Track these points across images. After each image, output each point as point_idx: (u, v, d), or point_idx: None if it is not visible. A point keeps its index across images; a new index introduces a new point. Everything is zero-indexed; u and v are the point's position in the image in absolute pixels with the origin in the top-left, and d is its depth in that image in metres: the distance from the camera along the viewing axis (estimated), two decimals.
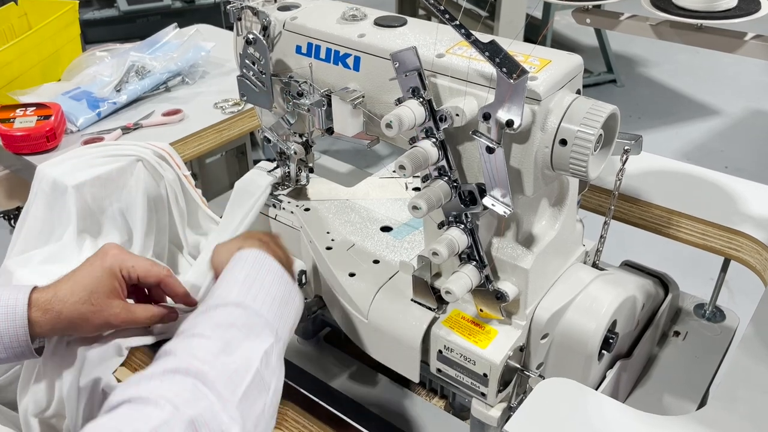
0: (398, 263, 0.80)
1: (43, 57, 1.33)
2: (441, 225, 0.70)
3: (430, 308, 0.76)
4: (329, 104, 0.76)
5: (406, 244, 0.86)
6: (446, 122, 0.64)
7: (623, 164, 0.75)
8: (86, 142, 1.13)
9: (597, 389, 0.76)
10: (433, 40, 0.69)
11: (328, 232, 0.88)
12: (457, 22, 0.60)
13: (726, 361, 0.89)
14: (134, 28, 3.24)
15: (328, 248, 0.85)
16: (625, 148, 0.74)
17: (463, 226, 0.68)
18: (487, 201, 0.64)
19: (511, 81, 0.57)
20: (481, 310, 0.73)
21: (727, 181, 0.95)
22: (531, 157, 0.63)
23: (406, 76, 0.64)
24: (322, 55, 0.76)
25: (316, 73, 0.77)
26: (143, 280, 0.75)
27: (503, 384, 0.73)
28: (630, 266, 0.91)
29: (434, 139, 0.65)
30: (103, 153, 1.00)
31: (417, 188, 0.94)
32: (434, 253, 0.67)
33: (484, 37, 0.61)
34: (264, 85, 0.80)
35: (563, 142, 0.61)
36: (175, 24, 1.44)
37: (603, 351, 0.73)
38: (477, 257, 0.70)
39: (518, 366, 0.73)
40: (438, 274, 0.77)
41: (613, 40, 3.20)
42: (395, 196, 0.95)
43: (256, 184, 0.91)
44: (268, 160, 0.95)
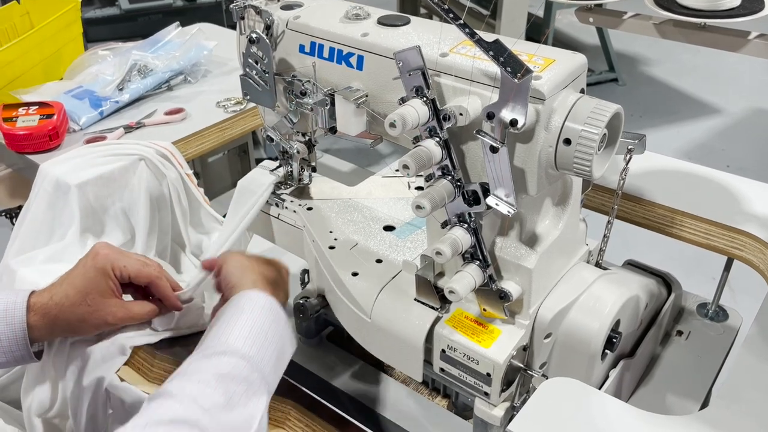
0: (401, 262, 0.79)
1: (45, 56, 1.33)
2: (444, 224, 0.70)
3: (433, 308, 0.76)
4: (332, 103, 0.76)
5: (409, 243, 0.86)
6: (450, 121, 0.64)
7: (627, 164, 0.75)
8: (89, 141, 1.13)
9: (600, 389, 0.76)
10: (436, 39, 0.69)
11: (330, 232, 0.87)
12: (461, 21, 0.60)
13: (729, 360, 0.88)
14: (136, 26, 3.24)
15: (331, 247, 0.85)
16: (629, 147, 0.74)
17: (466, 225, 0.68)
18: (490, 200, 0.64)
19: (516, 80, 0.57)
20: (485, 310, 0.73)
21: (730, 181, 0.94)
22: (535, 157, 0.63)
23: (409, 75, 0.64)
24: (326, 54, 0.76)
25: (319, 72, 0.77)
26: (135, 279, 0.75)
27: (506, 383, 0.73)
28: (633, 266, 0.91)
29: (438, 139, 0.65)
30: (105, 152, 1.00)
31: (420, 187, 0.94)
32: (437, 253, 0.67)
33: (488, 37, 0.61)
34: (267, 84, 0.80)
35: (567, 142, 0.61)
36: (178, 23, 1.44)
37: (606, 350, 0.73)
38: (480, 257, 0.69)
39: (521, 365, 0.73)
40: (441, 274, 0.77)
41: (615, 39, 3.20)
42: (398, 196, 0.95)
43: (259, 182, 0.91)
44: (270, 159, 0.95)
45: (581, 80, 0.65)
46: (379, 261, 0.83)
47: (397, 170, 0.98)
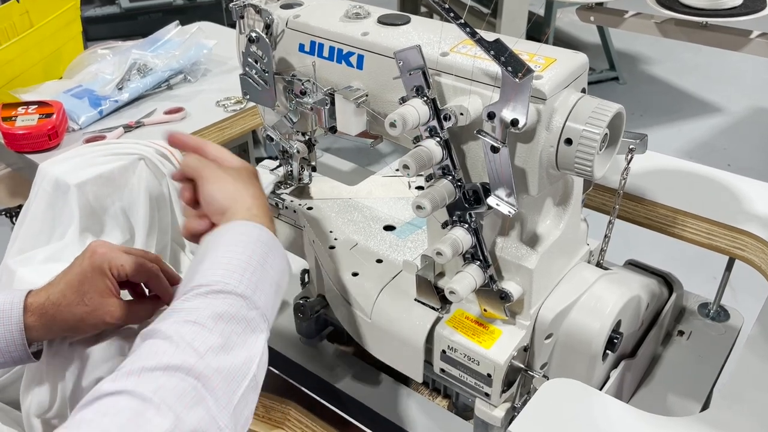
0: (401, 263, 0.79)
1: (44, 55, 1.33)
2: (445, 224, 0.70)
3: (433, 308, 0.75)
4: (332, 103, 0.75)
5: (409, 243, 0.86)
6: (450, 121, 0.64)
7: (628, 163, 0.74)
8: (88, 140, 1.13)
9: (601, 389, 0.76)
10: (437, 39, 0.68)
11: (331, 231, 0.87)
12: (462, 21, 0.59)
13: (730, 360, 0.88)
14: (136, 25, 3.23)
15: (331, 247, 0.85)
16: (630, 147, 0.73)
17: (467, 225, 0.68)
18: (491, 200, 0.64)
19: (517, 80, 0.57)
20: (485, 310, 0.73)
21: (732, 180, 0.94)
22: (536, 157, 0.63)
23: (410, 74, 0.64)
24: (326, 53, 0.75)
25: (319, 71, 0.76)
26: (133, 278, 0.73)
27: (507, 384, 0.72)
28: (634, 265, 0.91)
29: (438, 139, 0.65)
30: (105, 151, 1.00)
31: (420, 187, 0.94)
32: (438, 253, 0.66)
33: (488, 36, 0.60)
34: (267, 83, 0.80)
35: (568, 142, 0.61)
36: (177, 21, 1.43)
37: (607, 351, 0.73)
38: (481, 257, 0.69)
39: (522, 366, 0.73)
40: (441, 274, 0.77)
41: (616, 38, 3.19)
42: (398, 195, 0.95)
43: None
44: (270, 159, 0.95)
45: (582, 80, 0.65)
46: (379, 261, 0.83)
47: (398, 170, 0.98)
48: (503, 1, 2.44)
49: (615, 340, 0.72)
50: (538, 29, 3.20)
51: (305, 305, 0.89)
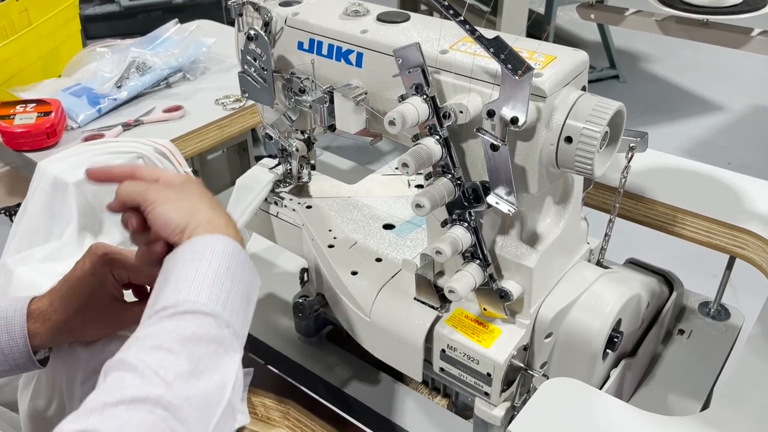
0: (401, 261, 0.79)
1: (43, 53, 1.33)
2: (444, 223, 0.70)
3: (433, 307, 0.75)
4: (331, 101, 0.75)
5: (408, 242, 0.85)
6: (450, 119, 0.63)
7: (628, 162, 0.74)
8: (87, 138, 1.13)
9: (601, 388, 0.75)
10: (436, 36, 0.68)
11: (330, 230, 0.87)
12: (462, 18, 0.59)
13: (731, 359, 0.88)
14: (135, 23, 3.23)
15: (330, 246, 0.84)
16: (631, 145, 0.73)
17: (466, 224, 0.68)
18: (491, 199, 0.64)
19: (516, 77, 0.56)
20: (485, 309, 0.72)
21: (732, 179, 0.94)
22: (536, 155, 0.63)
23: (409, 72, 0.63)
24: (324, 51, 0.75)
25: (318, 69, 0.76)
26: (135, 279, 0.73)
27: (507, 383, 0.72)
28: (634, 264, 0.91)
29: (438, 137, 0.65)
30: (103, 150, 1.00)
31: (420, 185, 0.94)
32: (437, 252, 0.66)
33: (488, 33, 0.60)
34: (265, 81, 0.79)
35: (568, 140, 0.61)
36: (176, 20, 1.43)
37: (607, 350, 0.73)
38: (481, 256, 0.69)
39: (522, 365, 0.73)
40: (441, 273, 0.76)
41: (616, 36, 3.19)
42: (398, 194, 0.94)
43: (258, 180, 0.91)
44: (269, 157, 0.95)
45: (583, 77, 0.65)
46: (378, 260, 0.82)
47: (397, 168, 0.97)
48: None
49: (615, 339, 0.72)
50: (538, 27, 3.20)
51: (304, 304, 0.88)
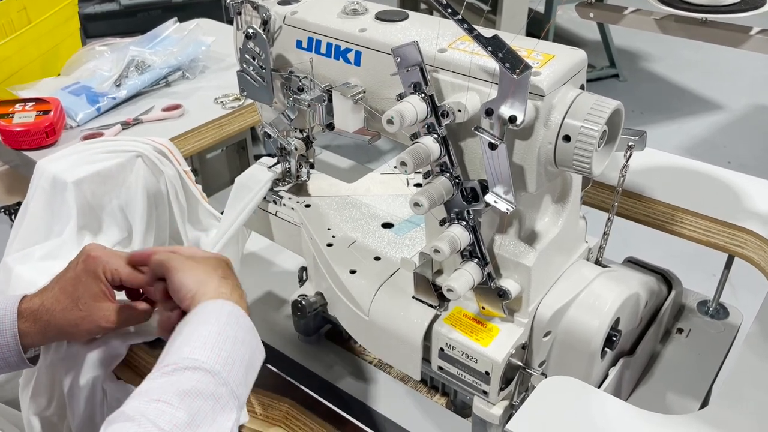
0: (399, 260, 0.79)
1: (42, 51, 1.32)
2: (443, 222, 0.70)
3: (431, 306, 0.75)
4: (330, 100, 0.75)
5: (407, 240, 0.85)
6: (448, 118, 0.63)
7: (627, 160, 0.74)
8: (86, 137, 1.13)
9: (600, 387, 0.75)
10: (435, 35, 0.68)
11: (329, 229, 0.87)
12: (460, 17, 0.59)
13: (730, 358, 0.88)
14: (135, 22, 3.22)
15: (329, 245, 0.84)
16: (629, 144, 0.73)
17: (465, 223, 0.68)
18: (489, 198, 0.64)
19: (514, 76, 0.56)
20: (483, 308, 0.72)
21: (731, 177, 0.94)
22: (534, 154, 0.63)
23: (407, 71, 0.63)
24: (323, 50, 0.75)
25: (316, 68, 0.76)
26: (127, 283, 0.73)
27: (505, 382, 0.72)
28: (633, 263, 0.91)
29: (436, 135, 0.65)
30: (102, 149, 1.00)
31: (419, 184, 0.94)
32: (436, 251, 0.66)
33: (486, 32, 0.60)
34: (264, 80, 0.80)
35: (567, 139, 0.61)
36: (175, 18, 1.43)
37: (606, 349, 0.73)
38: (479, 254, 0.69)
39: (520, 364, 0.73)
40: (440, 271, 0.76)
41: (616, 35, 3.19)
42: (396, 193, 0.94)
43: (257, 179, 0.91)
44: (268, 156, 0.95)
45: (581, 76, 0.65)
46: (377, 258, 0.82)
47: (396, 167, 0.97)
48: None
49: (614, 338, 0.72)
50: (537, 26, 3.19)
51: (303, 303, 0.88)
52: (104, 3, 3.32)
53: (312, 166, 0.94)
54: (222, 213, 0.94)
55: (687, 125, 2.83)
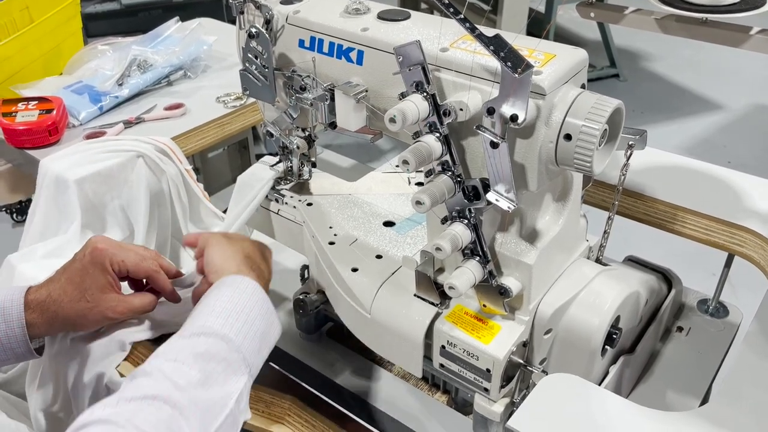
0: (401, 258, 0.79)
1: (44, 51, 1.33)
2: (444, 220, 0.70)
3: (433, 303, 0.75)
4: (332, 98, 0.75)
5: (408, 239, 0.86)
6: (450, 117, 0.64)
7: (627, 159, 0.74)
8: (88, 136, 1.13)
9: (600, 385, 0.76)
10: (436, 34, 0.68)
11: (330, 227, 0.87)
12: (462, 16, 0.59)
13: (729, 357, 0.88)
14: (136, 21, 3.23)
15: (331, 243, 0.85)
16: (630, 143, 0.73)
17: (466, 221, 0.68)
18: (491, 196, 0.64)
19: (516, 75, 0.57)
20: (485, 306, 0.73)
21: (731, 177, 0.94)
22: (535, 152, 0.63)
23: (409, 70, 0.64)
24: (325, 49, 0.75)
25: (319, 67, 0.76)
26: (133, 274, 0.74)
27: (506, 379, 0.72)
28: (633, 261, 0.91)
29: (438, 134, 0.65)
30: (103, 148, 1.00)
31: (420, 183, 0.94)
32: (437, 249, 0.66)
33: (488, 31, 0.60)
34: (267, 79, 0.80)
35: (568, 137, 0.61)
36: (177, 18, 1.43)
37: (606, 346, 0.73)
38: (480, 252, 0.69)
39: (521, 361, 0.73)
40: (441, 270, 0.77)
41: (616, 35, 3.19)
42: (398, 191, 0.95)
43: (259, 177, 0.91)
44: (270, 155, 0.95)
45: (582, 75, 0.65)
46: (379, 257, 0.83)
47: (397, 166, 0.98)
48: None
49: (614, 336, 0.72)
50: (538, 26, 3.20)
51: (305, 301, 0.89)
52: (105, 2, 3.32)
53: (314, 165, 0.94)
54: (224, 212, 0.94)
55: (687, 125, 2.83)
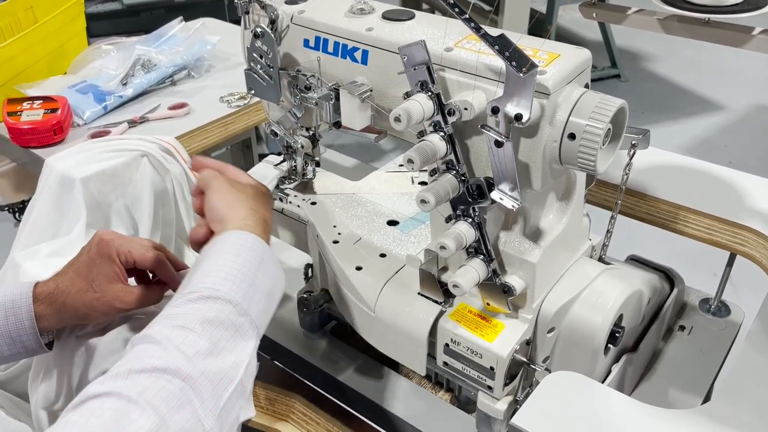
0: (405, 257, 0.80)
1: (48, 50, 1.33)
2: (448, 219, 0.71)
3: (437, 302, 0.76)
4: (337, 98, 0.76)
5: (412, 238, 0.86)
6: (455, 116, 0.64)
7: (630, 159, 0.75)
8: (93, 135, 1.14)
9: (603, 383, 0.76)
10: (441, 34, 0.69)
11: (334, 226, 0.88)
12: (467, 16, 0.60)
13: (731, 355, 0.89)
14: (138, 21, 3.23)
15: (335, 242, 0.85)
16: (633, 142, 0.74)
17: (470, 220, 0.69)
18: (495, 195, 0.65)
19: (521, 75, 0.57)
20: (488, 304, 0.73)
21: (733, 176, 0.95)
22: (539, 151, 0.63)
23: (414, 69, 0.64)
24: (330, 48, 0.76)
25: (323, 66, 0.77)
26: (140, 264, 0.74)
27: (509, 377, 0.73)
28: (636, 261, 0.91)
29: (442, 133, 0.65)
30: (107, 147, 1.01)
31: (423, 182, 0.94)
32: (442, 247, 0.67)
33: (492, 32, 0.61)
34: (272, 78, 0.80)
35: (572, 136, 0.61)
36: (181, 18, 1.44)
37: (609, 345, 0.73)
38: (484, 251, 0.70)
39: (524, 359, 0.73)
40: (445, 268, 0.77)
41: (618, 35, 3.19)
42: (401, 190, 0.95)
43: (263, 175, 0.92)
44: (275, 154, 0.96)
45: (586, 75, 0.65)
46: (382, 255, 0.83)
47: (401, 165, 0.98)
48: None
49: (617, 335, 0.73)
50: (539, 27, 3.20)
51: (309, 299, 0.89)
52: (107, 2, 3.32)
53: (318, 164, 0.95)
54: None
55: (688, 125, 2.83)
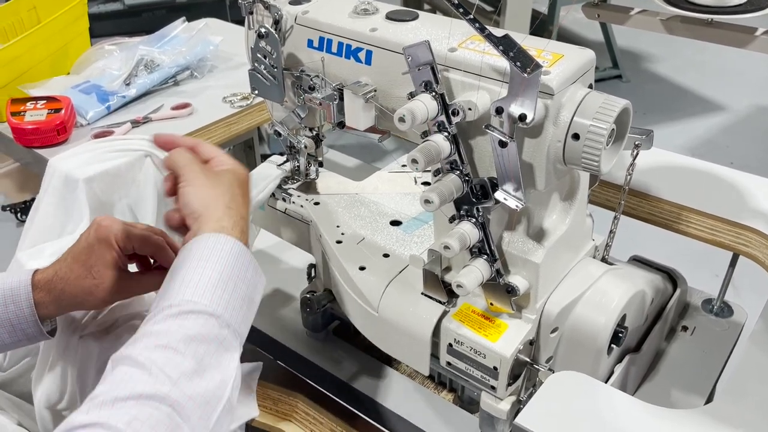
0: (408, 257, 0.80)
1: (52, 51, 1.33)
2: (452, 219, 0.71)
3: (440, 302, 0.76)
4: (341, 98, 0.76)
5: (415, 238, 0.86)
6: (459, 116, 0.64)
7: (634, 159, 0.75)
8: (96, 135, 1.14)
9: (606, 383, 0.76)
10: (445, 34, 0.69)
11: (337, 226, 0.88)
12: (471, 16, 0.60)
13: (734, 356, 0.89)
14: (139, 22, 3.23)
15: (338, 242, 0.85)
16: (636, 143, 0.74)
17: (474, 220, 0.69)
18: (499, 195, 0.65)
19: (525, 75, 0.57)
20: (492, 304, 0.73)
21: (736, 177, 0.95)
22: (543, 152, 0.64)
23: (418, 70, 0.64)
24: (334, 49, 0.76)
25: (327, 67, 0.77)
26: (139, 249, 0.73)
27: (513, 377, 0.73)
28: (639, 261, 0.91)
29: (446, 133, 0.65)
30: (111, 147, 1.01)
31: (427, 182, 0.95)
32: (446, 247, 0.67)
33: (497, 32, 0.61)
34: (275, 78, 0.80)
35: (576, 137, 0.61)
36: (184, 18, 1.44)
37: (612, 345, 0.74)
38: (488, 251, 0.70)
39: (528, 360, 0.73)
40: (448, 268, 0.77)
41: (619, 36, 3.19)
42: (404, 191, 0.95)
43: (266, 174, 0.92)
44: (276, 155, 0.96)
45: (589, 75, 0.66)
46: (386, 255, 0.83)
47: (404, 165, 0.98)
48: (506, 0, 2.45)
49: (620, 335, 0.73)
50: (541, 28, 3.20)
51: (312, 299, 0.89)
52: (108, 3, 3.32)
53: (321, 165, 0.95)
54: None
55: (690, 126, 2.83)
